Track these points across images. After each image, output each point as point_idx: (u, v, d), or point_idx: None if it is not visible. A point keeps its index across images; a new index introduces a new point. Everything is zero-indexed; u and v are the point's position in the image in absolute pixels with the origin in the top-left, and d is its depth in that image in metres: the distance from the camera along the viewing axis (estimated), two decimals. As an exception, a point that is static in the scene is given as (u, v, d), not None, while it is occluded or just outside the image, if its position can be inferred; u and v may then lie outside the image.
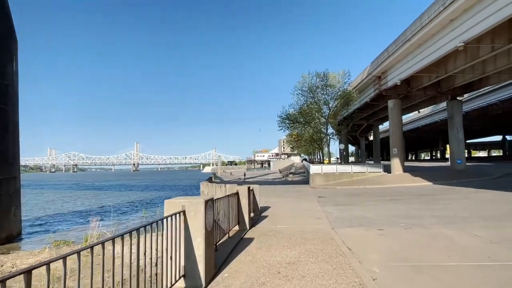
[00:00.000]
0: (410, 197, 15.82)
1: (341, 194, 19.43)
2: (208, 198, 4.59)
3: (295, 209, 13.23)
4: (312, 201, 16.23)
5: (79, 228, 17.67)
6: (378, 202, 14.61)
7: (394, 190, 20.09)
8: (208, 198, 4.58)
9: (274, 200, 17.01)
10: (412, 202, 14.06)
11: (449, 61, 21.90)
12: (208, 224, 4.48)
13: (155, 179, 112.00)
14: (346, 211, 12.01)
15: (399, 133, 28.99)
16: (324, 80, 32.34)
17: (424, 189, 19.68)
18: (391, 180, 25.48)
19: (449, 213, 10.51)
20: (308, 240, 7.21)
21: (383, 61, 25.87)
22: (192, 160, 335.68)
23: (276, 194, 21.34)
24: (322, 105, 34.55)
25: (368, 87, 33.06)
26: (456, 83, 25.88)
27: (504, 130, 70.86)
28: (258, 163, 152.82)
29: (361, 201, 15.12)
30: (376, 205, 13.48)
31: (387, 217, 10.09)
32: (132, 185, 73.89)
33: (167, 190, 54.58)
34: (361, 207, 12.98)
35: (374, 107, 39.45)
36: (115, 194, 47.67)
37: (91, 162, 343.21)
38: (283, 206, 14.44)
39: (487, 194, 15.56)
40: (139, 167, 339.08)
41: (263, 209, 13.43)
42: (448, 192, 17.10)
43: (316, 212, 11.89)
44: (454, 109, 28.42)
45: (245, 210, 8.80)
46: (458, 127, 27.99)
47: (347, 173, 29.48)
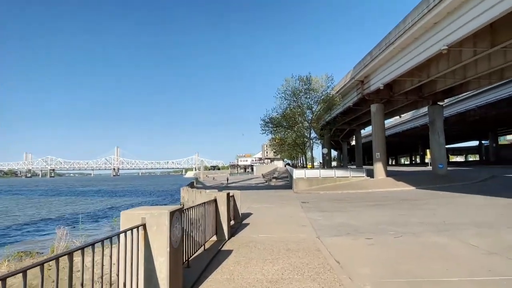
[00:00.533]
0: (395, 202, 15.46)
1: (325, 199, 18.94)
2: (175, 209, 3.86)
3: (278, 215, 12.58)
4: (296, 206, 15.64)
5: (46, 238, 16.43)
6: (364, 207, 14.15)
7: (378, 195, 19.77)
8: (174, 208, 3.85)
9: (256, 206, 16.32)
10: (398, 207, 13.67)
11: (432, 65, 21.93)
12: (174, 240, 3.75)
13: (135, 184, 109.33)
14: (331, 217, 11.44)
15: (382, 137, 28.93)
16: (307, 84, 32.08)
17: (408, 194, 19.45)
18: (374, 185, 25.25)
19: (438, 219, 10.09)
20: (292, 251, 6.56)
21: (366, 65, 25.76)
22: (175, 165, 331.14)
23: (258, 199, 20.67)
24: (305, 109, 34.29)
25: (351, 92, 33.00)
26: (437, 88, 26.03)
27: (480, 136, 72.84)
28: (241, 167, 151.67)
29: (346, 207, 14.63)
30: (362, 211, 12.99)
31: (374, 225, 9.56)
32: (110, 190, 71.59)
33: (145, 196, 53.10)
34: (347, 213, 12.45)
35: (356, 111, 39.49)
36: (90, 200, 45.82)
37: (69, 167, 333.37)
38: (265, 212, 13.78)
39: (472, 198, 15.38)
40: (120, 172, 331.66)
41: (245, 216, 12.72)
42: (433, 197, 16.86)
43: (300, 219, 11.27)
44: (436, 114, 28.60)
45: (223, 219, 8.06)
46: (439, 132, 28.16)
47: (331, 178, 29.12)
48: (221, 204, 8.11)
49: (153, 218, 3.57)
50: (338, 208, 14.31)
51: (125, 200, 44.88)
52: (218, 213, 8.02)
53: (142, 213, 3.58)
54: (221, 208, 8.08)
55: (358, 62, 28.12)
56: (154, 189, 73.84)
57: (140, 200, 43.19)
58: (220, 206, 8.08)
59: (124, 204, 38.82)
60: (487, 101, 38.96)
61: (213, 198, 7.98)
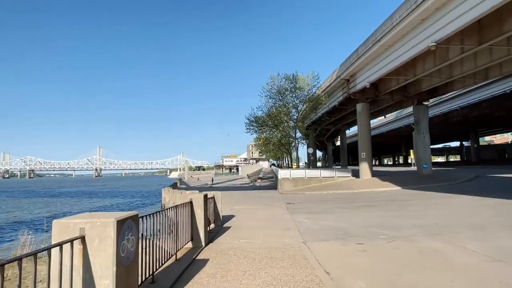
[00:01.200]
0: (383, 203, 14.97)
1: (311, 200, 18.33)
2: (126, 216, 3.04)
3: (262, 218, 11.84)
4: (281, 208, 14.94)
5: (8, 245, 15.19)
6: (351, 209, 13.57)
7: (365, 196, 19.30)
8: (125, 216, 3.04)
9: (239, 208, 15.55)
10: (387, 208, 13.15)
11: (418, 64, 21.67)
12: (125, 256, 2.94)
13: (117, 185, 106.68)
14: (318, 220, 10.77)
15: (368, 137, 28.63)
16: (293, 82, 31.50)
17: (394, 194, 19.05)
18: (360, 185, 24.86)
19: (429, 221, 9.56)
20: (276, 260, 5.82)
21: (352, 63, 25.36)
22: (159, 165, 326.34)
23: (242, 200, 19.91)
24: (291, 108, 33.72)
25: (336, 91, 32.62)
26: (423, 87, 25.88)
27: (461, 137, 74.20)
28: (226, 168, 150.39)
29: (333, 208, 14.02)
30: (350, 213, 12.40)
31: (364, 227, 8.94)
32: (90, 191, 69.37)
33: (124, 197, 51.49)
34: (334, 215, 11.81)
35: (342, 111, 39.23)
36: (66, 202, 44.00)
37: (49, 167, 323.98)
38: (249, 214, 13.03)
39: (460, 199, 15.04)
40: (102, 173, 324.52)
41: (226, 218, 11.93)
42: (420, 197, 16.47)
43: (285, 222, 10.56)
44: (421, 113, 28.50)
45: (200, 223, 7.25)
46: (424, 132, 28.06)
47: (316, 178, 28.64)
48: (198, 207, 7.30)
49: (94, 229, 2.75)
50: (325, 210, 13.68)
51: (101, 201, 43.13)
52: (194, 217, 7.21)
53: (81, 222, 2.77)
54: (197, 211, 7.26)
55: (344, 61, 27.73)
56: (135, 190, 71.95)
57: (116, 202, 41.58)
58: (196, 209, 7.26)
59: (96, 206, 37.27)
60: (469, 101, 39.36)
61: (189, 200, 7.16)
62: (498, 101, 37.62)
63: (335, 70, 30.29)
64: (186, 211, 6.83)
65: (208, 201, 10.16)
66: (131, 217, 3.10)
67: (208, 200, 9.75)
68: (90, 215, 2.98)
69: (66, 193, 67.20)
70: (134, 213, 3.24)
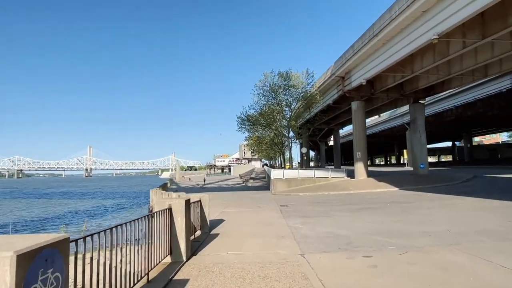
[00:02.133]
0: (383, 206, 14.07)
1: (306, 202, 17.36)
2: (43, 244, 1.97)
3: (254, 223, 10.81)
4: (274, 211, 13.94)
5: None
6: (351, 212, 12.61)
7: (362, 197, 18.40)
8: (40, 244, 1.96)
9: (230, 211, 14.53)
10: (388, 212, 12.23)
11: (416, 60, 20.89)
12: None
13: (106, 185, 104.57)
14: (315, 225, 9.78)
15: (363, 136, 27.81)
16: (286, 80, 30.54)
17: (393, 196, 18.19)
18: (356, 186, 24.01)
19: (438, 227, 8.64)
20: (271, 281, 4.79)
21: (347, 60, 24.47)
22: (150, 165, 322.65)
23: (234, 202, 18.86)
24: (284, 107, 32.76)
25: (331, 89, 31.75)
26: (419, 85, 25.15)
27: (453, 137, 74.16)
28: (218, 168, 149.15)
29: (330, 211, 13.05)
30: (349, 216, 11.43)
31: (369, 235, 7.96)
32: (76, 192, 67.53)
33: (113, 198, 49.99)
34: (332, 220, 10.84)
35: (336, 110, 38.41)
36: (47, 203, 42.38)
37: (38, 167, 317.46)
38: (240, 218, 12.00)
39: (463, 201, 14.20)
40: (93, 173, 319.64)
41: (215, 223, 10.88)
42: (421, 199, 15.61)
43: (280, 228, 9.55)
44: (417, 112, 27.79)
45: (181, 234, 6.18)
46: (420, 131, 27.36)
47: (310, 178, 27.74)
48: (178, 214, 6.22)
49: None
50: (322, 213, 12.70)
51: (81, 204, 41.46)
52: (173, 227, 6.14)
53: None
54: (177, 219, 6.19)
55: (339, 57, 26.84)
56: (124, 190, 70.25)
57: (100, 204, 40.06)
58: (176, 217, 6.19)
59: (80, 208, 35.79)
60: (464, 101, 38.89)
61: (167, 207, 6.08)
62: (493, 101, 37.20)
63: (330, 67, 29.41)
64: (164, 220, 5.76)
65: (194, 205, 9.12)
66: (51, 245, 2.02)
67: (193, 205, 8.70)
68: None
69: (47, 194, 65.22)
70: (60, 236, 2.15)
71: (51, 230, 22.66)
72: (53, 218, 28.05)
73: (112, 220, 22.18)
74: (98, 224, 22.25)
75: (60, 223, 21.92)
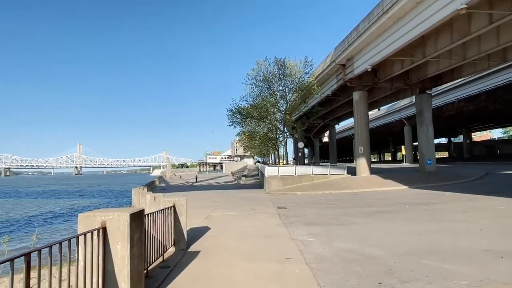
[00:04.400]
0: (402, 208, 11.69)
1: (306, 203, 14.94)
2: None
3: (247, 234, 8.32)
4: (271, 215, 11.48)
5: None
6: (365, 217, 10.18)
7: (370, 197, 16.03)
8: None
9: (218, 215, 12.05)
10: (413, 216, 9.85)
11: (429, 41, 18.56)
12: None
13: (94, 183, 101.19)
14: (328, 237, 7.33)
15: (366, 129, 25.47)
16: (281, 69, 28.00)
17: (405, 195, 15.86)
18: (359, 184, 21.69)
19: (501, 241, 6.25)
20: None
21: (351, 43, 22.01)
22: (142, 163, 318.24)
23: (224, 203, 16.37)
24: (279, 99, 30.23)
25: (330, 78, 29.33)
26: (428, 73, 22.87)
27: (450, 133, 72.43)
28: (210, 165, 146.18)
29: (340, 216, 10.61)
30: (367, 224, 9.00)
31: (411, 256, 5.52)
32: (61, 191, 64.30)
33: (97, 197, 47.23)
34: (349, 229, 8.37)
35: (333, 102, 36.08)
36: (27, 203, 39.33)
37: (26, 165, 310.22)
38: (229, 227, 9.51)
39: (498, 201, 11.78)
40: (83, 171, 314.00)
41: (196, 234, 8.40)
42: (443, 200, 13.27)
43: (282, 242, 7.08)
44: (424, 103, 25.53)
45: (122, 271, 3.64)
46: (427, 124, 25.12)
47: (307, 176, 25.39)
48: (118, 238, 3.67)
49: None
50: (331, 218, 10.24)
51: (57, 204, 38.34)
52: (109, 259, 3.60)
53: None
54: (115, 247, 3.65)
55: (340, 42, 24.37)
56: (110, 188, 67.26)
57: (74, 204, 37.06)
58: (114, 243, 3.65)
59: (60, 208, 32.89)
60: (468, 93, 36.84)
61: (98, 227, 3.54)
62: (499, 93, 35.29)
63: (329, 55, 26.95)
64: (92, 248, 3.23)
65: (164, 214, 6.61)
66: None
67: (162, 214, 6.18)
68: None
69: (36, 193, 61.87)
70: None
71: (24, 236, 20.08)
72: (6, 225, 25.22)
73: (67, 230, 19.21)
74: (52, 231, 19.40)
75: (11, 231, 19.11)
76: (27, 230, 20.61)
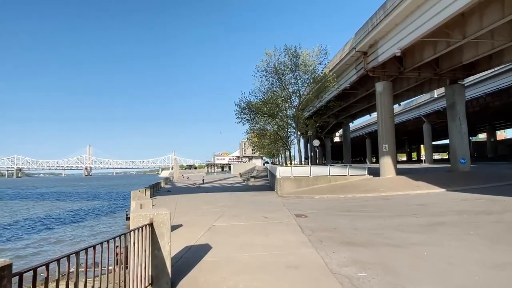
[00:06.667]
0: (461, 219, 8.96)
1: (330, 210, 12.30)
2: None
3: (262, 261, 5.74)
4: (291, 227, 8.90)
5: None
6: (423, 233, 7.45)
7: (407, 202, 13.29)
8: None
9: (224, 226, 9.56)
10: (489, 233, 7.13)
11: (472, 18, 15.76)
12: None
13: (101, 184, 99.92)
14: (392, 274, 4.70)
15: (391, 124, 22.68)
16: (292, 60, 25.23)
17: (450, 200, 13.10)
18: (386, 186, 18.93)
19: None
20: None
21: (375, 26, 19.26)
22: (150, 164, 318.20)
23: (231, 209, 13.81)
24: (291, 93, 27.47)
25: (348, 69, 26.54)
26: (463, 59, 20.02)
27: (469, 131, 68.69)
28: (218, 166, 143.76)
29: (385, 230, 7.93)
30: (435, 246, 6.27)
31: None
32: (65, 192, 62.66)
33: (93, 200, 45.18)
34: (412, 255, 5.69)
35: (349, 97, 33.28)
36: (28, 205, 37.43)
37: (38, 166, 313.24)
38: (237, 247, 6.95)
39: None
40: (93, 172, 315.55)
41: (191, 259, 5.90)
42: (505, 208, 10.45)
43: (318, 281, 4.49)
44: (456, 95, 22.65)
45: None
46: (461, 118, 22.24)
47: (324, 177, 22.69)
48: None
49: None
50: (374, 235, 7.55)
51: (52, 207, 36.19)
52: None
53: None
54: None
55: (361, 27, 21.63)
56: (117, 190, 65.48)
57: (68, 208, 34.72)
58: None
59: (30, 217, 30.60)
60: (498, 86, 33.57)
61: None
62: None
63: (348, 42, 24.20)
64: None
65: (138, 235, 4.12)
66: None
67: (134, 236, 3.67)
68: None
69: (43, 194, 60.36)
70: None
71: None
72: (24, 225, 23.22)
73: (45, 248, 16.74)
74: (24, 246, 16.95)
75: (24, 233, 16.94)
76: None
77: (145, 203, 8.05)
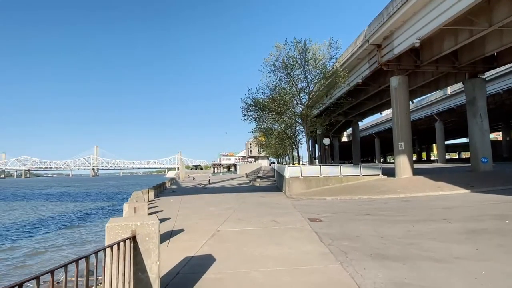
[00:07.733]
0: (502, 225, 7.73)
1: (347, 213, 11.13)
2: None
3: (276, 279, 4.61)
4: (306, 234, 7.76)
5: None
6: (463, 243, 6.23)
7: (431, 205, 12.07)
8: None
9: (229, 231, 8.47)
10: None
11: (499, 4, 14.44)
12: None
13: (106, 184, 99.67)
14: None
15: (407, 121, 21.40)
16: (301, 54, 23.99)
17: (479, 203, 11.84)
18: (404, 187, 17.67)
19: None
20: None
21: (391, 16, 17.97)
22: (157, 164, 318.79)
23: (237, 212, 12.72)
24: (299, 90, 26.23)
25: (360, 63, 25.24)
26: (486, 51, 18.65)
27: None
28: (224, 167, 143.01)
29: (417, 238, 6.73)
30: (483, 263, 5.11)
31: None
32: (68, 193, 62.23)
33: (93, 201, 44.58)
34: (466, 275, 4.51)
35: (360, 94, 31.99)
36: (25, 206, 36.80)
37: (46, 167, 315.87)
38: (244, 260, 5.83)
39: None
40: (100, 172, 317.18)
41: (189, 276, 4.78)
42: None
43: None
44: (477, 90, 21.26)
45: None
46: (482, 114, 20.87)
47: (335, 177, 21.55)
48: None
49: None
50: (407, 245, 6.34)
51: (47, 208, 35.49)
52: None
53: None
54: None
55: (375, 17, 20.33)
56: (122, 191, 64.92)
57: (63, 210, 33.89)
58: None
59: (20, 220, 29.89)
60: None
61: None
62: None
63: (360, 34, 22.91)
64: None
65: (116, 252, 3.06)
66: None
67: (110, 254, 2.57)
68: None
69: (47, 195, 60.03)
70: None
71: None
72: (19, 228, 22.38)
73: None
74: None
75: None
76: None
77: (139, 206, 6.94)
